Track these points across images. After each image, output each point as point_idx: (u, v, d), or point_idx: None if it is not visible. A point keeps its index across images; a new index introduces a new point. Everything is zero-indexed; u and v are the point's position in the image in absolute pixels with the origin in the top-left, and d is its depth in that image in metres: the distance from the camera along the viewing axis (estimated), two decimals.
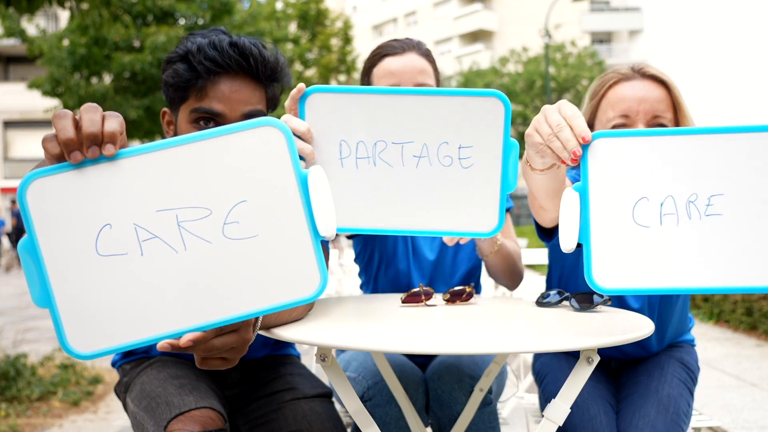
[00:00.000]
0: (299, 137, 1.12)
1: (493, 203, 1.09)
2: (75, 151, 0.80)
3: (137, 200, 0.83)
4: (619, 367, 1.71)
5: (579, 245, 0.95)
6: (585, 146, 0.96)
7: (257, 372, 1.52)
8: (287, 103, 1.16)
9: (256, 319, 0.96)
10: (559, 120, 0.99)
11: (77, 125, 0.81)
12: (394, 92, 1.10)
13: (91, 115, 0.81)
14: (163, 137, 1.17)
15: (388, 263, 1.80)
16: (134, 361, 1.53)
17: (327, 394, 1.47)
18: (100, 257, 0.82)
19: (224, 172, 0.85)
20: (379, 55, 1.66)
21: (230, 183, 0.85)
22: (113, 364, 1.60)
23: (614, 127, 1.45)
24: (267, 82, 1.32)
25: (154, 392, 1.33)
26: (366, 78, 1.70)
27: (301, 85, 1.13)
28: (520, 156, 1.15)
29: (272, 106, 1.39)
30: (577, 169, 1.50)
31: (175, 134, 1.32)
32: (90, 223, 0.82)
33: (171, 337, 0.84)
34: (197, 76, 1.25)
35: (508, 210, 1.69)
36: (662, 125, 1.43)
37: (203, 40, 1.27)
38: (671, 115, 1.45)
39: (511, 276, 1.68)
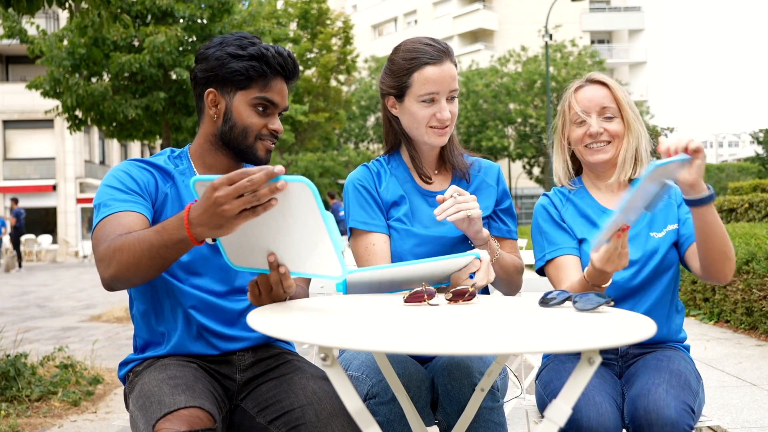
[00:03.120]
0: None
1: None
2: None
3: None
4: (621, 370, 1.76)
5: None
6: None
7: (266, 357, 1.66)
8: None
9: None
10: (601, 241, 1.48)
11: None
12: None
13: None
14: (198, 117, 1.66)
15: None
16: (142, 363, 1.60)
17: None
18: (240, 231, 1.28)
19: None
20: (419, 61, 1.74)
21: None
22: (121, 379, 1.67)
23: (578, 121, 1.85)
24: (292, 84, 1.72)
25: (150, 392, 1.39)
26: (407, 78, 1.76)
27: None
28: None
29: None
30: None
31: (226, 112, 1.61)
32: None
33: (266, 272, 1.35)
34: (266, 73, 1.59)
35: (513, 239, 1.90)
36: (609, 117, 1.83)
37: (267, 48, 1.59)
38: (615, 106, 1.83)
39: (508, 285, 1.82)
